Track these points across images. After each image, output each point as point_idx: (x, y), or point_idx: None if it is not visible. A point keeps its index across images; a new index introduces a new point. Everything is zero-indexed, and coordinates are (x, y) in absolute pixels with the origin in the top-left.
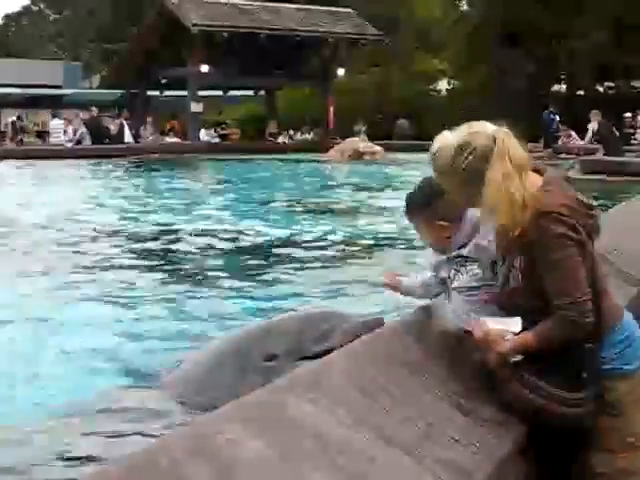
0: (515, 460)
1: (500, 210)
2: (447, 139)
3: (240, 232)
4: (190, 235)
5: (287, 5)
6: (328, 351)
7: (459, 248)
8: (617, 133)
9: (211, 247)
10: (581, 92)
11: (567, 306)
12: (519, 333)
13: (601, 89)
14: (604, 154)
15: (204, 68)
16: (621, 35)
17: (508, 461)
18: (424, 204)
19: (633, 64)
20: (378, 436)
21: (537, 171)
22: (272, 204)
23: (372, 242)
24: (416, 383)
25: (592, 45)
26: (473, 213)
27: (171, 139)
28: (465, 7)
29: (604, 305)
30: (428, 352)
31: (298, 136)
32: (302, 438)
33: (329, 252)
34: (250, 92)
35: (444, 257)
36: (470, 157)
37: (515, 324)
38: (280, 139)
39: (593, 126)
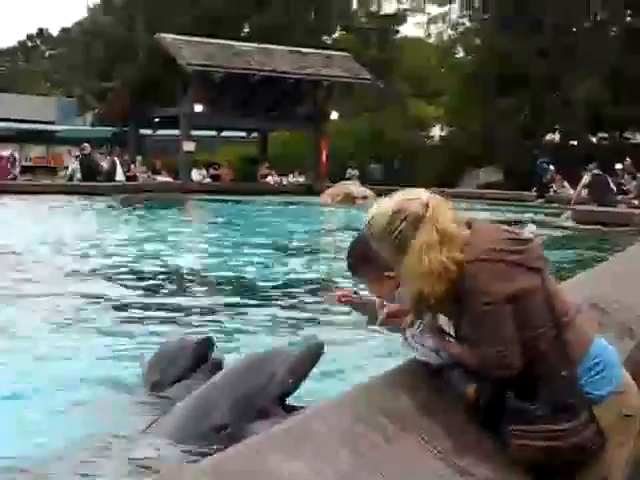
0: None
1: (415, 278)
2: (382, 206)
3: (221, 272)
4: (173, 273)
5: (281, 47)
6: (278, 397)
7: None
8: (613, 186)
9: (193, 282)
10: (574, 142)
11: (485, 355)
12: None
13: (594, 140)
14: (597, 204)
15: (197, 108)
16: (615, 87)
17: None
18: (366, 260)
19: (626, 115)
20: None
21: (469, 225)
22: (257, 246)
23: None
24: (406, 440)
25: (586, 94)
26: None
27: (163, 178)
28: (461, 54)
29: (569, 335)
30: (418, 405)
31: (290, 178)
32: None
33: (296, 292)
34: (243, 133)
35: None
36: (402, 224)
37: (447, 323)
38: (270, 180)
39: (585, 179)
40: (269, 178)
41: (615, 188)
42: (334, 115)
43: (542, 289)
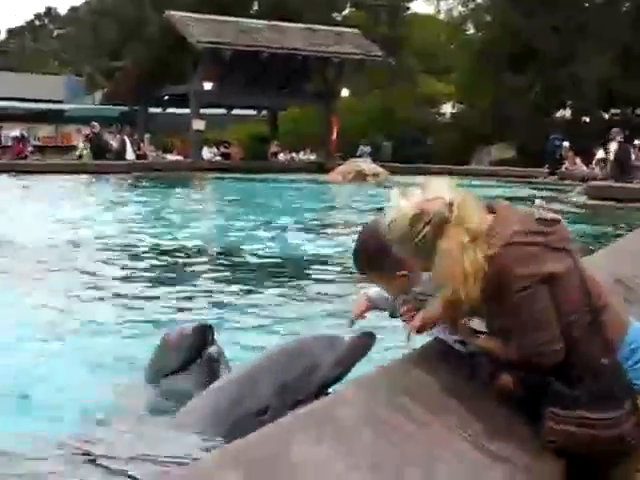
0: None
1: (451, 285)
2: (402, 208)
3: (234, 250)
4: (185, 252)
5: (292, 24)
6: (321, 387)
7: None
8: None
9: (206, 263)
10: (586, 119)
11: (527, 346)
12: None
13: (606, 116)
14: (613, 179)
15: (207, 86)
16: (627, 63)
17: None
18: (375, 259)
19: (638, 91)
20: None
21: (491, 209)
22: (268, 224)
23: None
24: (434, 424)
25: (597, 71)
26: None
27: (173, 157)
28: (471, 31)
29: (605, 320)
30: (444, 388)
31: (300, 156)
32: None
33: (322, 271)
34: (253, 111)
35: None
36: (426, 228)
37: (477, 324)
38: (280, 158)
39: (614, 146)
40: (280, 156)
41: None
42: (345, 92)
43: (574, 272)
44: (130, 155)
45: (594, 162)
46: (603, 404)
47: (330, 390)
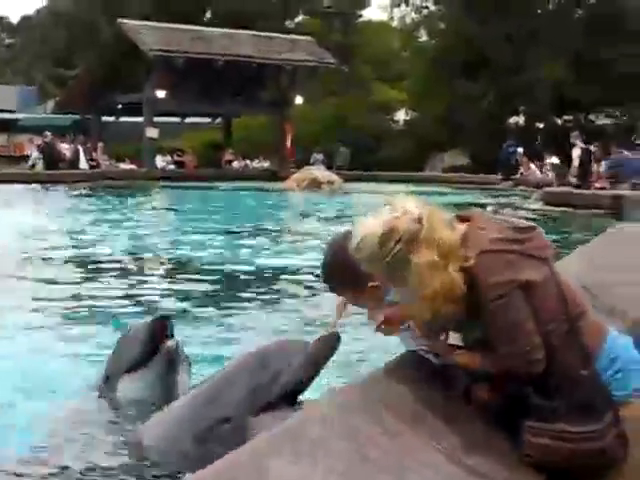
0: None
1: (423, 302)
2: (370, 227)
3: (188, 260)
4: (138, 262)
5: (245, 32)
6: (286, 392)
7: None
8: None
9: (160, 274)
10: (539, 125)
11: (506, 356)
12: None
13: (559, 122)
14: (578, 184)
15: (160, 93)
16: (579, 69)
17: None
18: (344, 274)
19: (589, 97)
20: None
21: (464, 218)
22: (222, 232)
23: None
24: (411, 437)
25: (550, 77)
26: None
27: (126, 165)
28: (424, 38)
29: (582, 329)
30: (421, 400)
31: (255, 164)
32: None
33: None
34: (207, 119)
35: None
36: (396, 246)
37: (454, 338)
38: (235, 165)
39: (577, 152)
40: (234, 164)
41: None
42: (299, 100)
43: (551, 279)
44: (83, 164)
45: (547, 167)
46: (583, 416)
47: (302, 396)
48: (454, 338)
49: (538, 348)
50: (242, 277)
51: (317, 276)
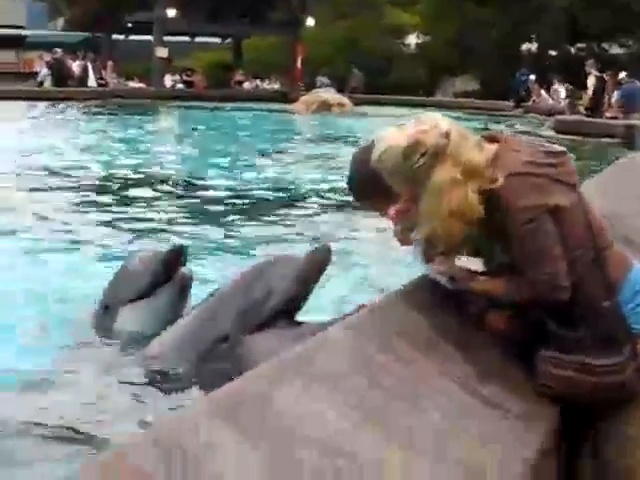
0: (546, 455)
1: (438, 220)
2: (395, 138)
3: (196, 180)
4: (148, 181)
5: None
6: (282, 307)
7: None
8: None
9: (169, 194)
10: (552, 52)
11: (534, 281)
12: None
13: (573, 50)
14: (592, 113)
15: (171, 12)
16: None
17: (538, 459)
18: (370, 184)
19: (602, 25)
20: (386, 433)
21: (494, 139)
22: (230, 153)
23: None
24: (425, 365)
25: (563, 3)
26: None
27: (135, 84)
28: None
29: (608, 258)
30: (436, 327)
31: (265, 85)
32: (294, 439)
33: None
34: (217, 39)
35: None
36: (420, 160)
37: (475, 263)
38: (245, 86)
39: (592, 81)
40: (244, 84)
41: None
42: (310, 21)
43: (578, 206)
44: (92, 82)
45: (559, 95)
46: (605, 349)
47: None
48: (473, 263)
49: (565, 274)
50: (248, 198)
51: (321, 196)
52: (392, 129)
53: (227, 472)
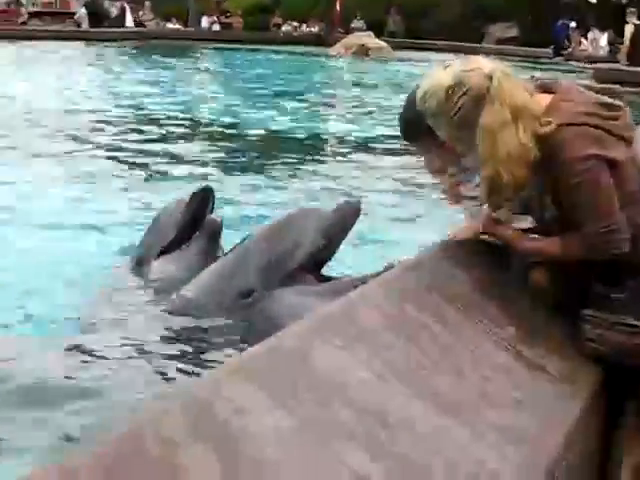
0: (591, 416)
1: (490, 164)
2: (438, 78)
3: (230, 125)
4: (185, 122)
5: None
6: (310, 260)
7: None
8: None
9: (203, 138)
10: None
11: (592, 234)
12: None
13: None
14: (628, 62)
15: None
16: None
17: (580, 424)
18: (415, 134)
19: None
20: (423, 395)
21: (548, 89)
22: (269, 97)
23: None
24: (466, 325)
25: None
26: None
27: (173, 25)
28: None
29: None
30: (476, 284)
31: (304, 28)
32: (331, 402)
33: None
34: None
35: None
36: (463, 98)
37: (523, 221)
38: (284, 29)
39: (630, 29)
40: (283, 28)
41: None
42: None
43: (632, 162)
44: (129, 22)
45: (599, 43)
46: None
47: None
48: (523, 221)
49: (623, 227)
50: (283, 143)
51: (354, 145)
52: (437, 69)
53: (263, 441)
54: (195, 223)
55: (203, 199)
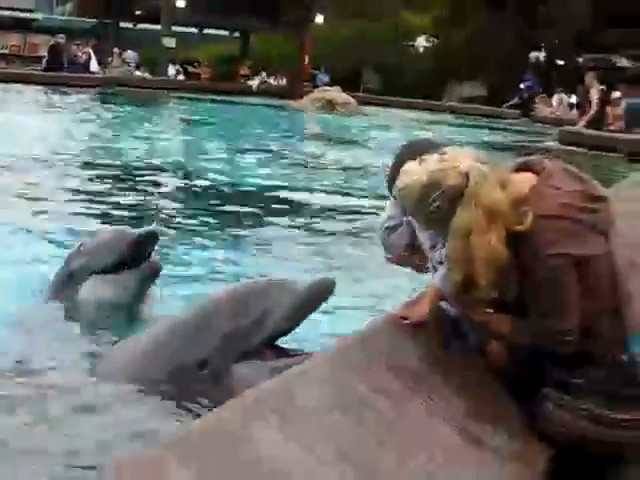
0: None
1: (460, 266)
2: (414, 175)
3: (190, 173)
4: (141, 170)
5: None
6: (271, 338)
7: None
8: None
9: (160, 184)
10: (560, 62)
11: (544, 329)
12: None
13: (580, 60)
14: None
15: (180, 3)
16: (602, 10)
17: None
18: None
19: (613, 40)
20: (368, 476)
21: (531, 168)
22: (230, 149)
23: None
24: (413, 401)
25: (573, 14)
26: None
27: (140, 73)
28: None
29: (627, 310)
30: (424, 357)
31: (271, 80)
32: None
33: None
34: (226, 32)
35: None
36: (438, 200)
37: None
38: (254, 82)
39: (595, 94)
40: (251, 79)
41: None
42: (319, 19)
43: (607, 257)
44: (94, 67)
45: (564, 105)
46: (625, 403)
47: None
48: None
49: (573, 330)
50: (240, 196)
51: (310, 201)
52: (413, 163)
53: None
54: (138, 257)
55: (149, 238)
